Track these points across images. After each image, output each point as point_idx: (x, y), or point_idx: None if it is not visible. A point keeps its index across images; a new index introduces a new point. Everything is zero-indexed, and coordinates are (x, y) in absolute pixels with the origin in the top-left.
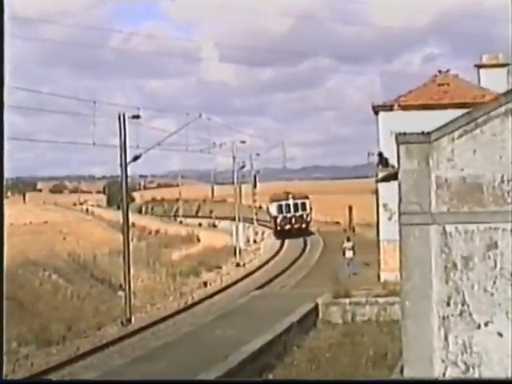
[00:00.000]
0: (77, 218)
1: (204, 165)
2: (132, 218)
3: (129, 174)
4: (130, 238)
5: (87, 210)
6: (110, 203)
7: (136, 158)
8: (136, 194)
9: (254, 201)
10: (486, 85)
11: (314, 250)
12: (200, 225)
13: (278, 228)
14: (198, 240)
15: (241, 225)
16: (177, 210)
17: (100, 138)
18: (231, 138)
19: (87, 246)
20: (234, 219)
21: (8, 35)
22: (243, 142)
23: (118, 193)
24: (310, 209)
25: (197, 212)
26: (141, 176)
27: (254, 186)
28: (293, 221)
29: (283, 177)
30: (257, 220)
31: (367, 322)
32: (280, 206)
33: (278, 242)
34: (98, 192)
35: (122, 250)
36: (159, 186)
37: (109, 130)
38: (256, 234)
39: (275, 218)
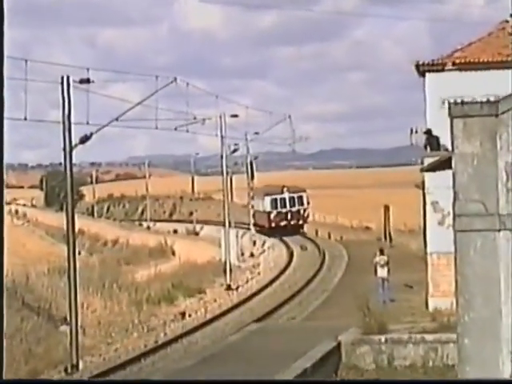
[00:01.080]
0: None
1: (181, 148)
2: (80, 222)
3: (75, 161)
4: (78, 250)
5: (17, 211)
6: (48, 202)
7: (85, 140)
8: (86, 190)
9: (252, 198)
10: None
11: (336, 266)
12: (175, 232)
13: (273, 225)
14: (173, 253)
15: (232, 232)
16: (143, 212)
17: (35, 110)
18: (219, 110)
19: (17, 263)
20: (222, 224)
21: None
22: (235, 115)
23: (59, 188)
24: (308, 203)
25: (171, 214)
26: (92, 164)
27: (251, 177)
28: (289, 216)
29: (292, 164)
30: (255, 225)
31: (410, 368)
32: (275, 201)
33: (285, 255)
34: (32, 187)
35: (65, 267)
36: (118, 177)
37: (47, 99)
38: (254, 244)
39: (269, 213)
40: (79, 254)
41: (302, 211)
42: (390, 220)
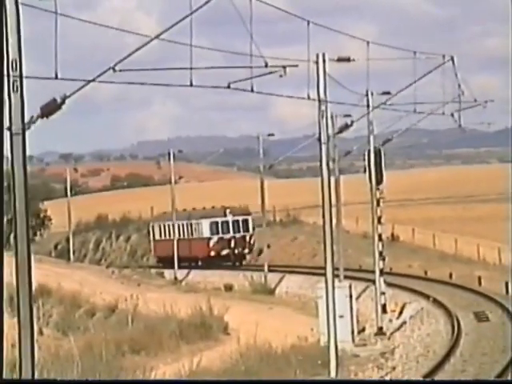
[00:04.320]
0: None
1: (237, 125)
2: (43, 271)
3: (32, 152)
4: (38, 327)
5: None
6: None
7: (52, 109)
8: (53, 207)
9: (379, 220)
10: None
11: None
12: (229, 289)
13: (212, 254)
14: (226, 330)
15: (341, 287)
16: None
17: None
18: (313, 48)
19: None
20: (323, 272)
21: None
22: (346, 59)
23: None
24: (253, 229)
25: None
26: (66, 157)
27: (378, 178)
28: (232, 244)
29: (458, 153)
30: (387, 273)
31: None
32: (215, 225)
33: (444, 332)
34: None
35: (14, 360)
36: (116, 183)
37: None
38: (383, 309)
39: (208, 240)
40: (41, 333)
41: (247, 238)
42: None
